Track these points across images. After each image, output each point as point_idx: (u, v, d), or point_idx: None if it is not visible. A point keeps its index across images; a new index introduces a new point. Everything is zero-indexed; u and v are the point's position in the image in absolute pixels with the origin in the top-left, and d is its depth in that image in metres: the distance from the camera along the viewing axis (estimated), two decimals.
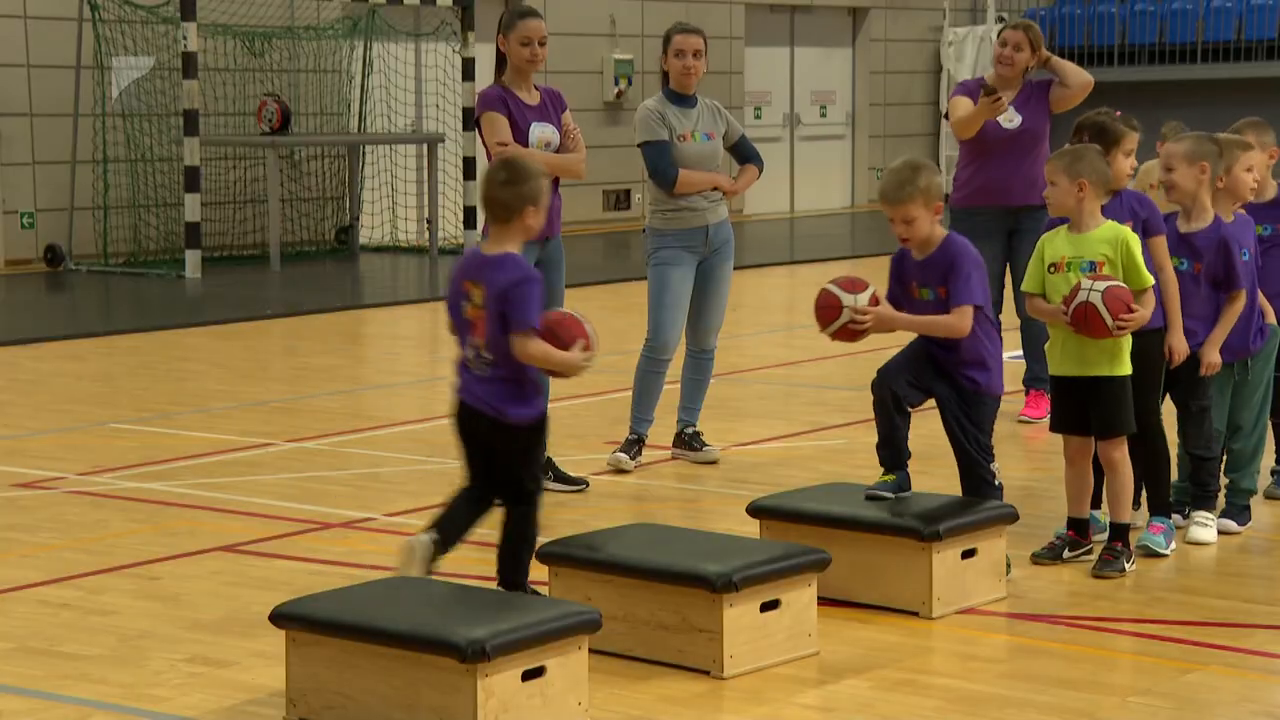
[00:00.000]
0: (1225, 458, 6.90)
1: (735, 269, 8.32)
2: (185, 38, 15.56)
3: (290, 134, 17.20)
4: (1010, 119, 8.77)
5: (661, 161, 7.92)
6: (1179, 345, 6.47)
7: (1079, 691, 5.10)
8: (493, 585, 5.52)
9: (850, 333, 6.21)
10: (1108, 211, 6.31)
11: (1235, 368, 6.76)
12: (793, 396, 10.11)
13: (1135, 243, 6.16)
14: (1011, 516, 6.05)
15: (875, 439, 8.68)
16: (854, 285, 6.15)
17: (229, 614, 5.87)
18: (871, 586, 5.86)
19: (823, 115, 23.97)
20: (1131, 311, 6.02)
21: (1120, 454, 6.21)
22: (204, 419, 9.40)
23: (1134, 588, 6.15)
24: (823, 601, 5.59)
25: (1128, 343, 6.17)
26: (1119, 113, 6.67)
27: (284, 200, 17.62)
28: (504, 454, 5.50)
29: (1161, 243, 6.47)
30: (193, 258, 15.77)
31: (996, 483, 6.20)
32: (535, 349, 5.37)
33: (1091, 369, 6.17)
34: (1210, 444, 6.69)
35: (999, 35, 9.12)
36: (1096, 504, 6.63)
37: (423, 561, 5.36)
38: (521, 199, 5.50)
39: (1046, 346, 6.40)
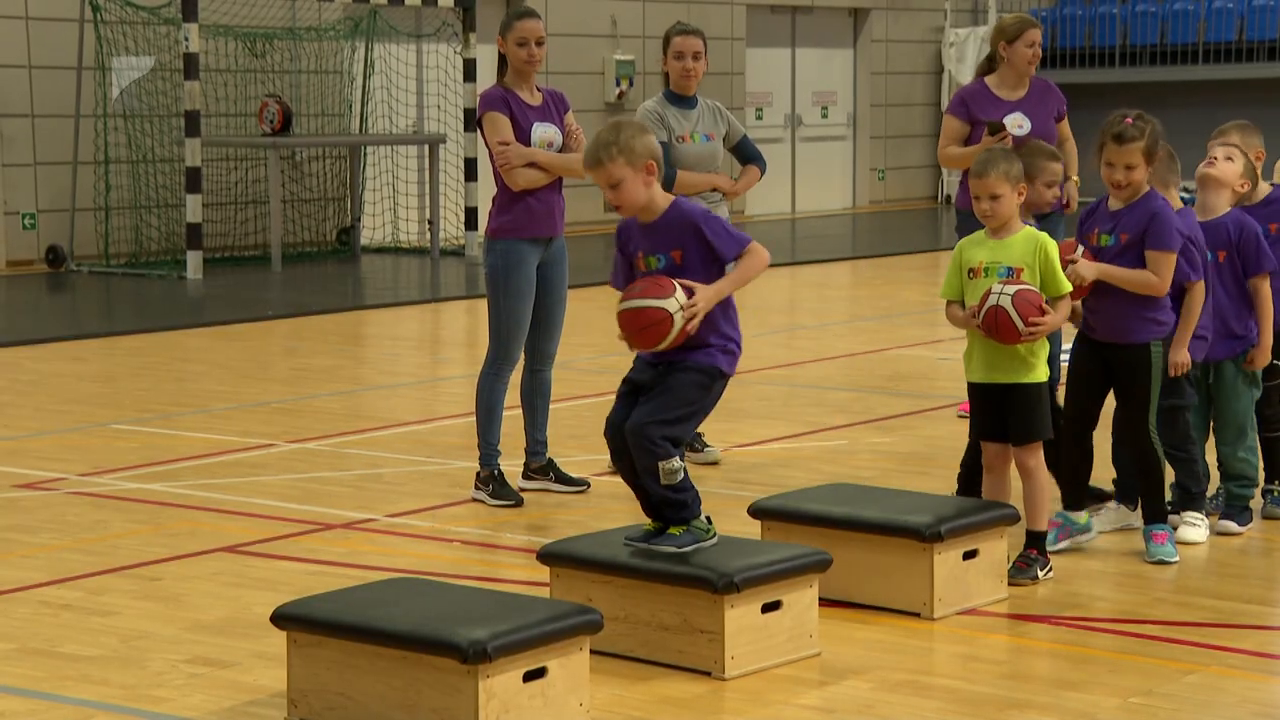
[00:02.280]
0: (1220, 463, 6.92)
1: None
2: (187, 39, 15.56)
3: (291, 135, 17.20)
4: (1020, 124, 8.57)
5: None
6: (1182, 359, 6.52)
7: (1080, 693, 5.10)
8: (495, 586, 5.52)
9: (687, 333, 5.42)
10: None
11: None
12: (794, 397, 10.11)
13: (1053, 248, 6.11)
14: (1013, 518, 6.05)
15: (877, 438, 8.74)
16: (660, 288, 5.40)
17: (230, 615, 5.87)
18: (873, 587, 5.85)
19: (824, 116, 23.97)
20: (1043, 314, 6.00)
21: (1036, 461, 6.14)
22: (205, 420, 9.40)
23: (1135, 589, 6.15)
24: (824, 602, 5.58)
25: (1044, 349, 6.13)
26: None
27: (285, 201, 17.63)
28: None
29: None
30: (194, 258, 15.77)
31: (678, 475, 5.35)
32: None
33: (1008, 376, 6.12)
34: (1184, 444, 6.67)
35: (1023, 35, 8.56)
36: (1080, 505, 6.60)
37: None
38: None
39: (963, 354, 6.32)
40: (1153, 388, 6.39)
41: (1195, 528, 6.66)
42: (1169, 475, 6.93)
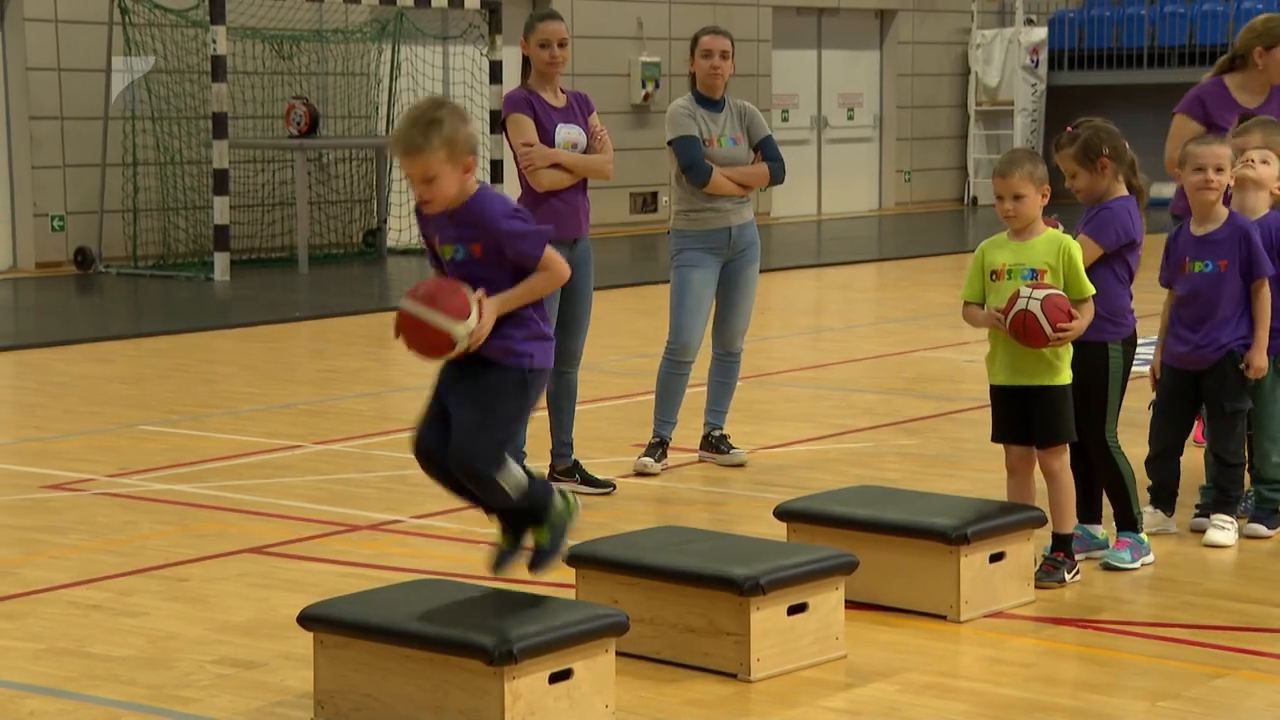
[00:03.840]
0: (1252, 465, 6.88)
1: (762, 272, 8.31)
2: (214, 41, 15.61)
3: (318, 137, 17.25)
4: None
5: (696, 156, 7.88)
6: (1259, 362, 6.53)
7: (1107, 696, 5.09)
8: (521, 587, 5.50)
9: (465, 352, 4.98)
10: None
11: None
12: (820, 399, 10.10)
13: (1077, 250, 6.08)
14: (1040, 520, 6.03)
15: (902, 440, 8.73)
16: (457, 306, 4.88)
17: (257, 616, 5.89)
18: (899, 590, 5.85)
19: (850, 118, 23.95)
20: (1071, 319, 5.97)
21: (1060, 464, 6.12)
22: (232, 421, 9.43)
23: (1162, 592, 6.13)
24: (850, 605, 5.58)
25: (1068, 352, 6.10)
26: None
27: (312, 203, 17.67)
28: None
29: None
30: (221, 260, 15.82)
31: (523, 483, 5.04)
32: None
33: (1031, 378, 6.08)
34: (1238, 450, 6.65)
35: (1270, 48, 7.73)
36: (1095, 517, 6.56)
37: None
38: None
39: (985, 356, 6.27)
40: (1110, 392, 6.30)
41: (1224, 530, 6.64)
42: (1195, 478, 6.91)
